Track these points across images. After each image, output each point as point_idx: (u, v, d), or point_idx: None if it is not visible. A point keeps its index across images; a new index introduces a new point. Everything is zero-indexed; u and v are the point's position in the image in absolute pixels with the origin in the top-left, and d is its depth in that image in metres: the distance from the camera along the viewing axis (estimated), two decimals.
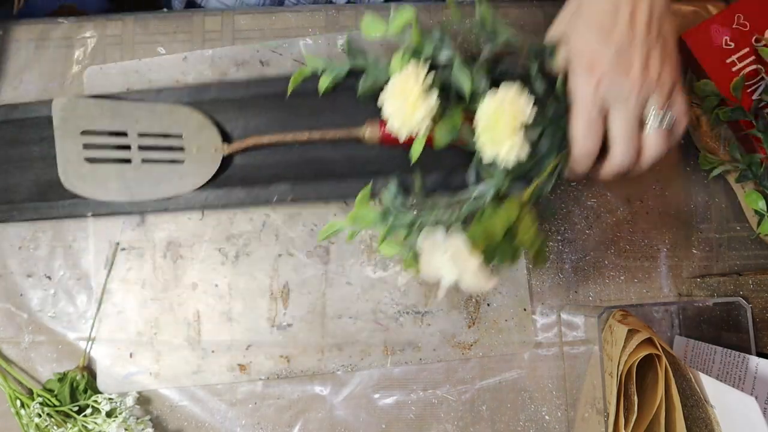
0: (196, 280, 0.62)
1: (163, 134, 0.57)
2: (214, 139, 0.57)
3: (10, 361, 0.62)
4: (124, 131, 0.57)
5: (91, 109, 0.56)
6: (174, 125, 0.57)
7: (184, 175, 0.57)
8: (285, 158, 0.58)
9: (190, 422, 0.61)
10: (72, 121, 0.56)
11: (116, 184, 0.57)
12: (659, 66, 0.45)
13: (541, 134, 0.47)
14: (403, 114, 0.47)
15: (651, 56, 0.44)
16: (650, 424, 0.51)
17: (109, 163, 0.57)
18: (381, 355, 0.61)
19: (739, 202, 0.62)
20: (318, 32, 0.64)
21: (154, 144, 0.57)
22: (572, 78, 0.46)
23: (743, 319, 0.55)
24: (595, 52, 0.44)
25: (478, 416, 0.61)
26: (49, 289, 0.62)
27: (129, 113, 0.57)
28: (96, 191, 0.57)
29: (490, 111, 0.46)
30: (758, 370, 0.51)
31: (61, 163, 0.56)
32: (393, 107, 0.48)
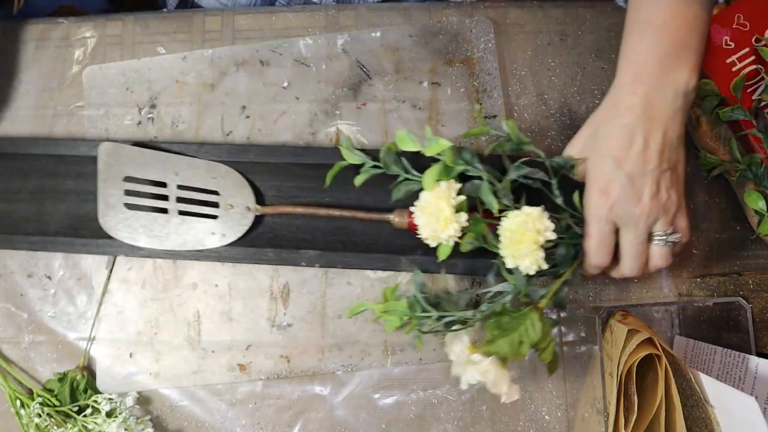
0: (196, 280, 0.62)
1: (200, 189, 0.59)
2: (248, 199, 0.59)
3: (10, 361, 0.62)
4: (164, 182, 0.59)
5: (135, 157, 0.58)
6: (211, 181, 0.59)
7: (217, 230, 0.59)
8: (313, 224, 0.61)
9: (190, 422, 0.61)
10: (116, 166, 0.58)
11: (150, 232, 0.59)
12: (667, 192, 0.48)
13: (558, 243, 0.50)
14: (433, 229, 0.50)
15: (661, 184, 0.48)
16: (650, 424, 0.51)
17: (147, 211, 0.59)
18: (381, 355, 0.61)
19: (739, 202, 0.62)
20: (318, 32, 0.64)
21: (192, 197, 0.59)
22: (587, 198, 0.50)
23: (743, 319, 0.54)
24: (609, 179, 0.48)
25: (478, 416, 0.61)
26: (49, 289, 0.62)
27: (170, 165, 0.59)
28: (130, 236, 0.59)
29: (513, 227, 0.48)
30: (758, 370, 0.51)
31: (101, 205, 0.58)
32: (423, 221, 0.51)
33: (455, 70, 0.63)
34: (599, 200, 0.48)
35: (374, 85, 0.64)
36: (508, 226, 0.49)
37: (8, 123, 0.64)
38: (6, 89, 0.65)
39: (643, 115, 0.47)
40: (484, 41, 0.64)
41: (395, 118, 0.63)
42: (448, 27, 0.64)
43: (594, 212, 0.49)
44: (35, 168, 0.62)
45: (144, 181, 0.59)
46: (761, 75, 0.57)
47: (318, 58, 0.64)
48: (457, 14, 0.64)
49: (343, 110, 0.63)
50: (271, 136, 0.63)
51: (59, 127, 0.64)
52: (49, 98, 0.64)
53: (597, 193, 0.48)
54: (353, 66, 0.64)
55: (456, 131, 0.63)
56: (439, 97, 0.63)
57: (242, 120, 0.63)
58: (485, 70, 0.63)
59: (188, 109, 0.64)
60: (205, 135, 0.63)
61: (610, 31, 0.65)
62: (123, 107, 0.64)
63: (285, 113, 0.63)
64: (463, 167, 0.51)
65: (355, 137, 0.63)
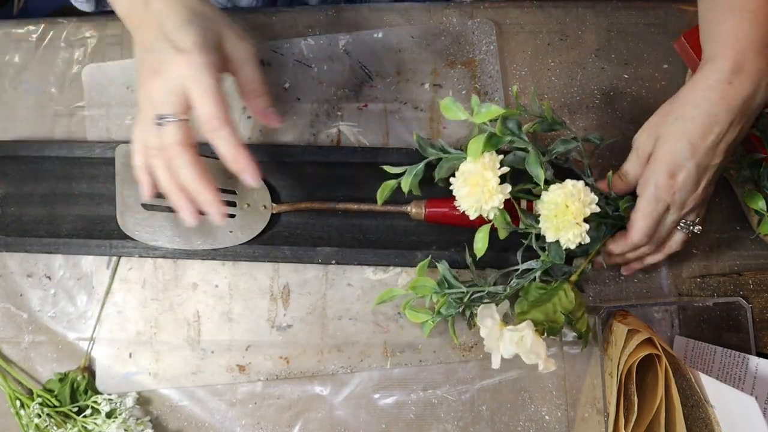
0: (196, 280, 0.62)
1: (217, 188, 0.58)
2: (264, 198, 0.60)
3: (10, 361, 0.62)
4: None
5: None
6: (228, 181, 0.60)
7: (234, 229, 0.60)
8: (328, 222, 0.62)
9: (190, 422, 0.61)
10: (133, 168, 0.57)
11: (169, 231, 0.59)
12: (712, 186, 0.52)
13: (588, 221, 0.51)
14: (476, 200, 0.49)
15: (713, 178, 0.51)
16: (650, 424, 0.51)
17: (165, 212, 0.59)
18: (381, 356, 0.61)
19: (739, 202, 0.62)
20: (319, 32, 0.64)
21: None
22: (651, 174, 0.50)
23: (743, 319, 0.55)
24: (679, 163, 0.49)
25: (478, 416, 0.61)
26: (49, 289, 0.62)
27: None
28: (149, 236, 0.59)
29: (558, 200, 0.49)
30: (758, 370, 0.51)
31: (119, 206, 0.59)
32: (465, 191, 0.50)
33: (457, 72, 0.64)
34: (667, 181, 0.49)
35: (375, 86, 0.64)
36: (552, 198, 0.49)
37: (8, 123, 0.64)
38: (6, 89, 0.65)
39: (734, 108, 0.47)
40: (486, 43, 0.64)
41: (396, 120, 0.63)
42: (450, 28, 0.64)
43: (656, 192, 0.50)
44: (48, 171, 0.62)
45: None
46: None
47: (319, 58, 0.64)
48: (458, 15, 0.64)
49: (344, 111, 0.63)
50: (272, 136, 0.63)
51: (59, 127, 0.64)
52: (49, 98, 0.64)
53: (666, 174, 0.49)
54: (355, 67, 0.64)
55: (457, 133, 0.63)
56: (440, 99, 0.63)
57: (243, 120, 0.63)
58: (487, 73, 0.64)
59: None
60: None
61: (610, 31, 0.65)
62: (123, 106, 0.64)
63: (286, 114, 0.63)
64: (510, 137, 0.51)
65: (356, 138, 0.63)
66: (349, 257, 0.60)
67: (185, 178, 0.47)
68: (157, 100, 0.45)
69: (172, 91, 0.45)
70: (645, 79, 0.64)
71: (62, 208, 0.62)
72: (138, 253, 0.60)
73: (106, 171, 0.61)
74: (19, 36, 0.65)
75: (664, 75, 0.64)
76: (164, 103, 0.45)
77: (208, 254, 0.60)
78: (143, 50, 0.47)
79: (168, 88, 0.45)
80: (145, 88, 0.46)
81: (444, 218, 0.58)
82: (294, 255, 0.60)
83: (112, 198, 0.60)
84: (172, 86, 0.45)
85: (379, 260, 0.60)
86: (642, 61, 0.64)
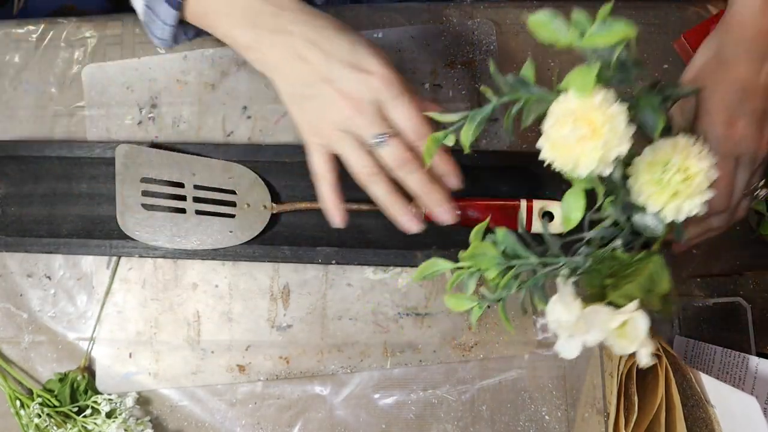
0: (196, 280, 0.62)
1: (217, 188, 0.60)
2: (264, 197, 0.60)
3: (10, 361, 0.62)
4: (181, 182, 0.59)
5: (152, 158, 0.59)
6: (228, 181, 0.60)
7: (234, 229, 0.60)
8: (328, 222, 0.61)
9: (190, 422, 0.61)
10: (133, 168, 0.59)
11: (169, 231, 0.59)
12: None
13: None
14: (594, 147, 0.37)
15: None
16: (650, 424, 0.51)
17: (165, 211, 0.59)
18: (381, 356, 0.61)
19: None
20: None
21: (209, 197, 0.60)
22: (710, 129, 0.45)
23: (743, 319, 0.55)
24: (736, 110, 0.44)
25: (478, 416, 0.61)
26: (49, 289, 0.62)
27: (187, 166, 0.60)
28: (149, 236, 0.59)
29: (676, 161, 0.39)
30: (758, 370, 0.51)
31: (119, 206, 0.59)
32: (578, 136, 0.37)
33: (457, 72, 0.64)
34: (726, 133, 0.43)
35: None
36: (662, 157, 0.39)
37: (8, 123, 0.64)
38: (6, 89, 0.65)
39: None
40: (486, 44, 0.64)
41: None
42: (450, 29, 0.64)
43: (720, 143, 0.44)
44: (48, 171, 0.62)
45: (161, 182, 0.60)
46: None
47: None
48: (458, 15, 0.64)
49: None
50: (272, 136, 0.63)
51: (59, 127, 0.64)
52: (49, 98, 0.64)
53: (723, 125, 0.43)
54: None
55: None
56: (440, 99, 0.63)
57: (243, 120, 0.63)
58: (487, 73, 0.64)
59: (189, 109, 0.64)
60: (206, 135, 0.63)
61: None
62: (123, 107, 0.64)
63: (286, 114, 0.63)
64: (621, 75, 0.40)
65: None
66: (349, 257, 0.60)
67: (415, 184, 0.47)
68: (363, 124, 0.45)
69: (372, 110, 0.45)
70: (645, 79, 0.64)
71: (62, 208, 0.62)
72: (138, 253, 0.60)
73: (106, 171, 0.61)
74: (19, 36, 0.65)
75: (664, 75, 0.64)
76: (372, 123, 0.45)
77: (208, 254, 0.60)
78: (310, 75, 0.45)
79: (368, 108, 0.45)
80: (345, 115, 0.46)
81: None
82: (294, 255, 0.60)
83: (112, 198, 0.60)
84: (369, 104, 0.45)
85: (379, 260, 0.60)
86: (642, 61, 0.64)
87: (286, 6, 0.45)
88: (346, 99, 0.45)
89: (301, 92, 0.47)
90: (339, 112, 0.45)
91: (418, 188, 0.47)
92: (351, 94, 0.45)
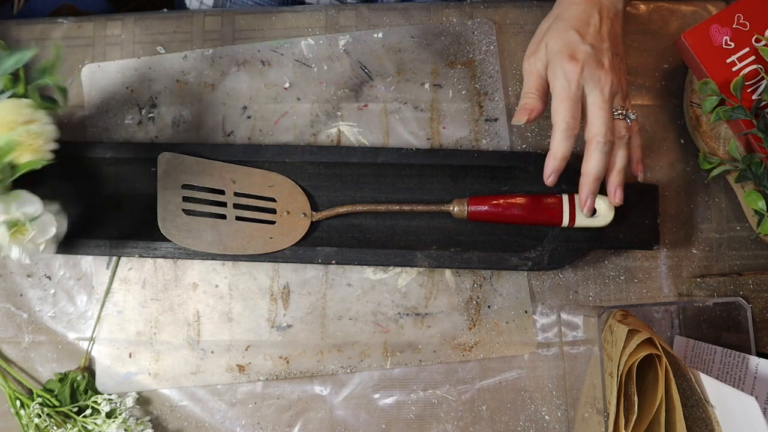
0: (196, 280, 0.62)
1: (257, 196, 0.61)
2: (303, 206, 0.61)
3: (10, 361, 0.62)
4: (222, 189, 0.60)
5: (193, 166, 0.60)
6: (268, 189, 0.61)
7: (275, 236, 0.60)
8: (328, 222, 0.62)
9: (190, 422, 0.61)
10: (174, 174, 0.60)
11: (209, 236, 0.60)
12: (620, 72, 0.54)
13: None
14: None
15: (614, 61, 0.53)
16: (650, 424, 0.51)
17: (205, 217, 0.60)
18: (381, 356, 0.61)
19: (739, 202, 0.62)
20: (318, 32, 0.64)
21: (249, 204, 0.60)
22: (555, 69, 0.53)
23: (743, 319, 0.55)
24: (575, 47, 0.53)
25: (478, 416, 0.61)
26: (49, 289, 0.62)
27: (227, 174, 0.60)
28: (189, 241, 0.59)
29: None
30: (758, 370, 0.51)
31: (161, 211, 0.59)
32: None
33: (457, 72, 0.64)
34: (569, 65, 0.52)
35: (375, 86, 0.64)
36: None
37: None
38: None
39: (594, 6, 0.54)
40: (486, 43, 0.64)
41: (396, 120, 0.63)
42: (450, 29, 0.64)
43: (564, 75, 0.52)
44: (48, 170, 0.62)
45: (202, 189, 0.60)
46: (761, 75, 0.57)
47: (319, 58, 0.64)
48: (457, 15, 0.64)
49: (344, 111, 0.63)
50: (272, 136, 0.63)
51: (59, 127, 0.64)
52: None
53: (566, 60, 0.52)
54: (355, 67, 0.64)
55: (458, 133, 0.63)
56: (440, 99, 0.63)
57: (243, 120, 0.64)
58: (487, 73, 0.64)
59: (189, 109, 0.64)
60: (206, 135, 0.63)
61: None
62: (123, 107, 0.64)
63: (286, 114, 0.63)
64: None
65: (356, 138, 0.63)
66: (349, 257, 0.60)
67: (621, 161, 0.54)
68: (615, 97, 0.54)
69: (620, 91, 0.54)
70: (645, 79, 0.64)
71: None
72: (138, 253, 0.60)
73: (106, 171, 0.61)
74: (19, 36, 0.65)
75: (664, 75, 0.64)
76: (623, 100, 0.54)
77: (208, 254, 0.60)
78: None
79: (618, 89, 0.53)
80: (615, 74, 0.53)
81: (488, 216, 0.58)
82: (294, 255, 0.60)
83: (111, 198, 0.60)
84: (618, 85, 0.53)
85: (379, 260, 0.60)
86: (642, 61, 0.64)
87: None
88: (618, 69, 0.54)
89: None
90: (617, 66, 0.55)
91: (620, 165, 0.55)
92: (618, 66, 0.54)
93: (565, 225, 0.58)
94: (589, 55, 0.52)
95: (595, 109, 0.52)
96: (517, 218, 0.58)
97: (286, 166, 0.62)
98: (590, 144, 0.53)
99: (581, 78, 0.52)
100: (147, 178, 0.61)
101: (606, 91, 0.52)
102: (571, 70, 0.52)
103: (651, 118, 0.64)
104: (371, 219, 0.62)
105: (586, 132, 0.53)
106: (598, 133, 0.52)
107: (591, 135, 0.53)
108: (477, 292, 0.62)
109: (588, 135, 0.53)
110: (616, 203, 0.56)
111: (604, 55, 0.53)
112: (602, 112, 0.52)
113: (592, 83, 0.52)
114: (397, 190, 0.62)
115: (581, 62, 0.52)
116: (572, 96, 0.52)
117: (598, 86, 0.52)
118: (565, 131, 0.52)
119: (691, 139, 0.63)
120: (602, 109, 0.52)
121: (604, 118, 0.52)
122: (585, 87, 0.52)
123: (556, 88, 0.53)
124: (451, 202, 0.59)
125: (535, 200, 0.58)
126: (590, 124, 0.53)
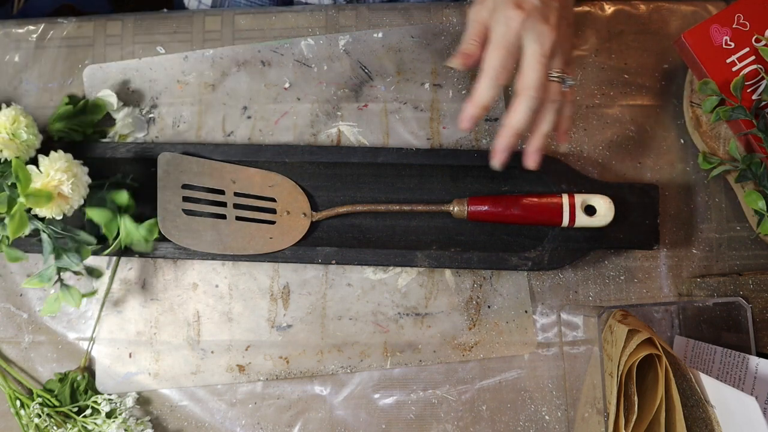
0: (196, 280, 0.62)
1: (257, 196, 0.61)
2: (303, 206, 0.61)
3: (10, 361, 0.62)
4: (222, 189, 0.60)
5: (193, 167, 0.60)
6: (268, 189, 0.61)
7: (275, 236, 0.60)
8: (328, 222, 0.62)
9: (190, 422, 0.61)
10: (174, 175, 0.60)
11: (209, 236, 0.60)
12: (565, 37, 0.52)
13: None
14: None
15: (560, 22, 0.52)
16: (650, 424, 0.51)
17: (205, 217, 0.60)
18: (380, 356, 0.61)
19: (739, 202, 0.62)
20: (318, 32, 0.64)
21: (249, 204, 0.60)
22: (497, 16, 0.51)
23: (743, 319, 0.55)
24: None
25: (478, 416, 0.61)
26: (49, 289, 0.62)
27: (227, 174, 0.60)
28: (189, 241, 0.59)
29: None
30: (758, 370, 0.51)
31: (161, 211, 0.59)
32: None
33: (457, 72, 0.64)
34: (513, 12, 0.50)
35: (375, 86, 0.64)
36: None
37: None
38: (6, 89, 0.65)
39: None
40: None
41: (396, 119, 0.63)
42: (450, 29, 0.64)
43: (506, 23, 0.50)
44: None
45: (202, 189, 0.60)
46: (761, 75, 0.57)
47: (319, 58, 0.64)
48: (458, 15, 0.64)
49: (344, 111, 0.63)
50: (272, 136, 0.63)
51: None
52: (49, 98, 0.64)
53: (511, 6, 0.50)
54: (355, 67, 0.64)
55: (458, 133, 0.63)
56: (440, 99, 0.63)
57: (243, 120, 0.64)
58: None
59: (189, 109, 0.64)
60: (206, 135, 0.63)
61: (610, 31, 0.65)
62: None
63: (286, 114, 0.63)
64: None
65: (356, 138, 0.63)
66: (349, 257, 0.60)
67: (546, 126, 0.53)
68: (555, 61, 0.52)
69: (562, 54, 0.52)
70: (645, 79, 0.64)
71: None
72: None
73: (106, 171, 0.61)
74: (19, 36, 0.65)
75: (664, 75, 0.64)
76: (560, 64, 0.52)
77: (208, 254, 0.60)
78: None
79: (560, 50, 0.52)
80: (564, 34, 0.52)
81: (488, 216, 0.59)
82: (294, 255, 0.60)
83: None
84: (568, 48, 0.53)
85: (379, 260, 0.60)
86: (642, 61, 0.64)
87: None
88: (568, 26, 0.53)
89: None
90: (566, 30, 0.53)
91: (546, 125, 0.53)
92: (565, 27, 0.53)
93: (565, 225, 0.58)
94: (536, 8, 0.50)
95: (531, 62, 0.51)
96: (517, 218, 0.58)
97: (286, 166, 0.62)
98: (518, 96, 0.51)
99: (522, 27, 0.50)
100: (147, 178, 0.61)
101: (546, 46, 0.51)
102: (513, 17, 0.50)
103: (651, 118, 0.64)
104: (371, 219, 0.62)
105: (518, 83, 0.51)
106: (528, 86, 0.51)
107: (521, 87, 0.51)
108: (477, 292, 0.62)
109: (518, 86, 0.51)
110: (530, 167, 0.54)
111: (551, 12, 0.51)
112: (538, 65, 0.50)
113: (532, 35, 0.50)
114: (397, 190, 0.62)
115: (526, 11, 0.50)
116: (508, 44, 0.50)
117: (538, 40, 0.50)
118: (492, 79, 0.51)
119: (691, 139, 0.63)
120: (539, 63, 0.50)
121: (540, 72, 0.50)
122: (524, 38, 0.50)
123: (494, 35, 0.51)
124: (451, 202, 0.59)
125: (535, 200, 0.58)
126: (523, 75, 0.51)
